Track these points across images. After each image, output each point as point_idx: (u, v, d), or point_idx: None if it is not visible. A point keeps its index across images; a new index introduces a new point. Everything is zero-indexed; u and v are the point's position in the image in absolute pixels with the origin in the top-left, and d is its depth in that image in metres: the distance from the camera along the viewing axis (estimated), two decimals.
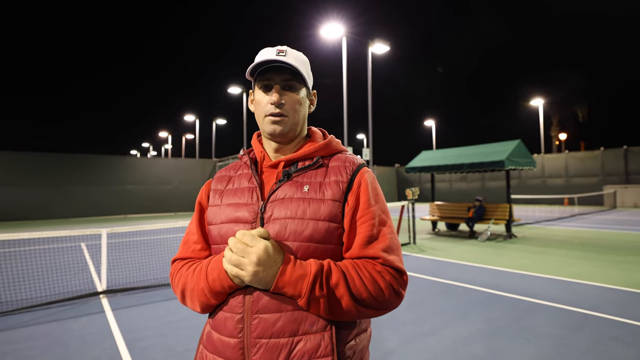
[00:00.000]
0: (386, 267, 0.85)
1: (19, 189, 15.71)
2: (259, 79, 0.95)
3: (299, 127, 0.98)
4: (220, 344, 0.86)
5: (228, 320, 0.86)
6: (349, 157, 0.98)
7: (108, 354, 2.92)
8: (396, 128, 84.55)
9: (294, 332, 0.82)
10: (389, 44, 14.42)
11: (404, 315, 3.72)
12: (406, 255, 6.99)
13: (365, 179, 0.92)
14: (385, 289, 0.83)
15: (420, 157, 11.15)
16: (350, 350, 0.86)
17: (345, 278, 0.81)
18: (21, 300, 4.30)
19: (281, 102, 0.92)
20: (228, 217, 0.92)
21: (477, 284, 4.84)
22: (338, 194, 0.89)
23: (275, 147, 0.98)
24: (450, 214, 10.29)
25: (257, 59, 0.94)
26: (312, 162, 0.94)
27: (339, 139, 1.04)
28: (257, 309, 0.83)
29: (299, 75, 0.94)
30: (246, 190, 0.94)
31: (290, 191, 0.90)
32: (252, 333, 0.83)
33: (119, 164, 18.34)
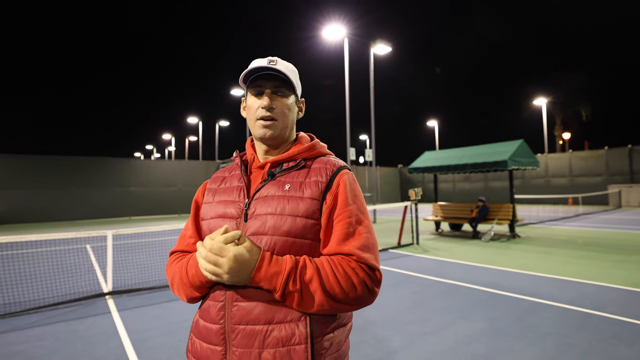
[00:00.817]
0: (360, 264, 0.88)
1: (24, 192, 15.85)
2: (251, 86, 1.02)
3: (288, 131, 1.05)
4: (205, 330, 0.93)
5: (211, 308, 0.93)
6: (331, 160, 1.03)
7: (114, 354, 2.96)
8: (399, 129, 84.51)
9: (269, 320, 0.88)
10: (390, 45, 14.45)
11: (407, 315, 3.73)
12: (409, 255, 7.00)
13: (344, 180, 0.98)
14: (358, 285, 0.86)
15: (423, 158, 11.16)
16: (327, 342, 0.91)
17: (319, 274, 0.85)
18: (29, 301, 4.35)
19: (272, 106, 0.99)
20: (217, 213, 1.00)
21: (480, 283, 4.84)
22: (317, 193, 0.95)
23: (265, 149, 1.05)
24: (453, 214, 10.29)
25: (250, 67, 1.00)
26: (295, 163, 1.01)
27: (340, 140, 1.12)
28: (237, 298, 0.90)
29: (289, 82, 1.01)
30: (235, 189, 1.02)
31: (272, 189, 0.97)
32: (231, 319, 0.89)
33: (122, 166, 18.45)
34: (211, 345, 0.91)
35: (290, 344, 0.86)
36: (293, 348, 0.86)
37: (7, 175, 15.60)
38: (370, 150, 15.21)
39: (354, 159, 14.35)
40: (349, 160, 14.05)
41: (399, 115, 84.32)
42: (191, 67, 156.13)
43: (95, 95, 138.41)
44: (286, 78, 1.00)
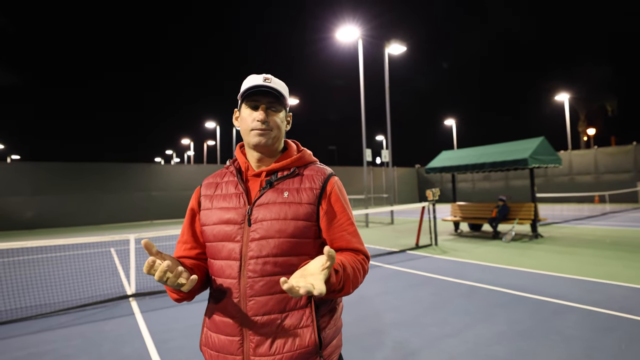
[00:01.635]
0: (363, 256, 1.09)
1: (53, 198, 16.49)
2: (247, 100, 1.11)
3: (279, 141, 1.15)
4: (222, 324, 1.04)
5: (229, 305, 1.03)
6: (320, 168, 1.15)
7: (138, 354, 3.05)
8: (416, 128, 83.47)
9: (282, 309, 1.01)
10: (405, 44, 14.33)
11: (426, 317, 3.70)
12: (428, 256, 6.92)
13: (335, 188, 1.11)
14: (365, 273, 1.07)
15: (440, 157, 11.01)
16: (327, 320, 1.07)
17: (349, 270, 0.98)
18: (59, 302, 4.54)
19: (266, 120, 1.09)
20: (219, 219, 1.08)
21: (501, 285, 4.74)
22: (312, 198, 1.07)
23: (258, 157, 1.13)
24: (472, 214, 10.10)
25: (247, 84, 1.10)
26: (289, 172, 1.11)
27: (356, 141, 1.17)
28: (252, 294, 1.01)
29: (281, 99, 1.11)
30: (234, 196, 1.10)
31: (272, 197, 1.06)
32: (248, 312, 1.01)
33: (143, 171, 18.95)
34: (229, 337, 1.02)
35: (299, 327, 1.01)
36: (302, 330, 1.00)
37: (37, 182, 16.27)
38: (387, 151, 15.09)
39: (370, 160, 14.28)
40: (365, 161, 14.00)
41: (416, 115, 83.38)
42: (208, 72, 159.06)
43: (117, 103, 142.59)
44: (279, 95, 1.10)
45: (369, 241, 9.29)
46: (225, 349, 1.02)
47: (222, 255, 1.06)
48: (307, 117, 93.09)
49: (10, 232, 15.13)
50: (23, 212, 15.89)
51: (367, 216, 13.89)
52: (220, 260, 1.06)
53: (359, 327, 3.52)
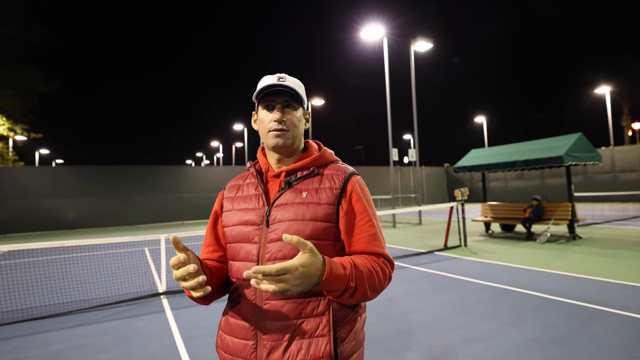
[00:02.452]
0: (385, 260, 1.03)
1: (91, 200, 17.43)
2: (263, 101, 1.09)
3: (298, 140, 1.12)
4: (237, 326, 1.03)
5: (243, 307, 1.02)
6: (341, 167, 1.11)
7: (167, 350, 3.16)
8: (446, 127, 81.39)
9: (298, 315, 0.97)
10: (432, 41, 14.02)
11: (453, 320, 3.60)
12: (456, 258, 6.73)
13: (356, 187, 1.06)
14: (387, 278, 1.01)
15: (469, 156, 10.68)
16: (346, 332, 1.01)
17: (365, 272, 0.94)
18: (95, 299, 4.79)
19: (283, 119, 1.06)
20: (239, 220, 1.08)
21: (534, 289, 4.54)
22: (332, 199, 1.03)
23: (278, 158, 1.11)
24: (504, 214, 9.72)
25: (261, 84, 1.08)
26: (309, 171, 1.08)
27: (382, 141, 1.13)
28: (267, 297, 0.99)
29: (297, 97, 1.09)
30: (253, 197, 1.10)
31: (291, 197, 1.04)
32: (263, 316, 0.98)
33: (174, 173, 19.62)
34: (243, 340, 1.00)
35: (314, 336, 0.96)
36: (317, 339, 0.96)
37: (78, 185, 17.25)
38: (414, 150, 14.82)
39: (396, 159, 14.07)
40: (391, 160, 13.81)
41: (445, 113, 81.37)
42: (235, 74, 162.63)
43: (150, 108, 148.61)
44: (295, 93, 1.07)
45: (395, 242, 9.16)
46: (239, 353, 1.01)
47: (240, 257, 1.05)
48: (333, 118, 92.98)
49: (53, 232, 16.12)
50: (65, 213, 16.89)
51: (394, 216, 13.70)
52: (238, 261, 1.05)
53: (383, 328, 3.47)
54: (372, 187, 24.55)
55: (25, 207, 16.13)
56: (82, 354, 3.13)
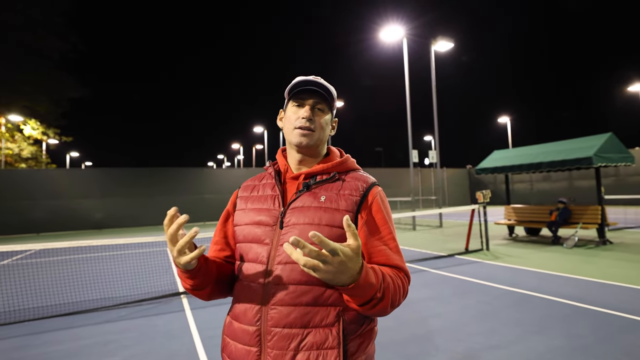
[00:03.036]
0: (405, 274, 1.00)
1: (118, 200, 18.05)
2: (294, 98, 1.07)
3: (322, 144, 1.10)
4: (240, 331, 0.97)
5: (248, 311, 0.97)
6: (362, 175, 1.08)
7: (186, 348, 3.23)
8: (468, 128, 79.59)
9: (305, 324, 0.92)
10: (452, 41, 13.77)
11: (472, 325, 3.51)
12: (478, 262, 6.56)
13: (377, 198, 1.04)
14: (406, 293, 0.98)
15: (492, 157, 10.41)
16: (356, 346, 0.96)
17: (390, 285, 0.91)
18: (119, 297, 4.95)
19: (311, 118, 1.04)
20: (251, 220, 1.04)
21: (561, 295, 4.37)
22: (351, 206, 0.99)
23: (299, 159, 1.08)
24: (529, 217, 9.41)
25: (296, 80, 1.07)
26: (329, 176, 1.05)
27: (402, 142, 1.11)
28: (275, 302, 0.94)
29: (328, 99, 1.07)
30: (269, 198, 1.06)
31: (308, 200, 1.01)
32: (268, 322, 0.93)
33: (197, 175, 20.07)
34: (246, 346, 0.95)
35: (323, 348, 0.91)
36: (325, 351, 0.90)
37: (105, 186, 17.91)
38: (434, 151, 14.58)
39: (416, 161, 13.87)
40: (411, 162, 13.64)
41: (468, 114, 79.56)
42: (255, 77, 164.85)
43: (173, 111, 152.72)
44: (327, 95, 1.06)
45: (415, 245, 9.03)
46: (243, 359, 0.96)
47: (248, 258, 1.01)
48: (353, 120, 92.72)
49: (82, 232, 16.79)
50: (93, 214, 17.55)
51: (414, 219, 13.51)
52: (246, 262, 1.01)
53: (400, 332, 3.43)
54: (392, 189, 24.30)
55: (56, 208, 16.88)
56: (107, 350, 3.24)
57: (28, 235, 16.09)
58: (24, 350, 3.31)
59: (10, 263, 8.41)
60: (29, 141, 26.45)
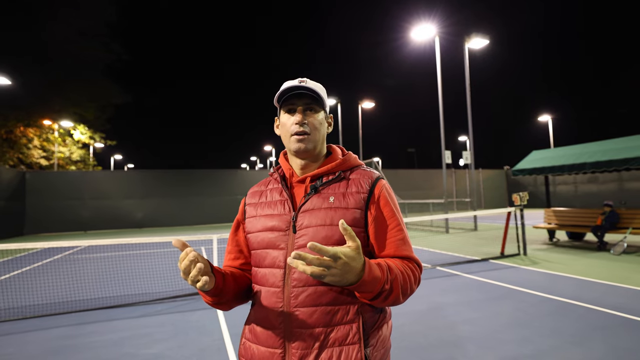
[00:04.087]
0: (415, 264, 1.02)
1: (157, 201, 18.95)
2: (284, 105, 1.09)
3: (320, 144, 1.10)
4: (263, 334, 1.00)
5: (270, 314, 0.99)
6: (366, 171, 1.10)
7: (216, 344, 3.35)
8: (506, 128, 76.28)
9: (328, 322, 0.95)
10: (488, 37, 13.28)
11: (505, 333, 3.37)
12: (514, 267, 6.28)
13: (383, 191, 1.06)
14: (417, 282, 1.00)
15: (530, 158, 9.93)
16: (374, 339, 0.99)
17: (398, 276, 0.93)
18: (156, 292, 5.21)
19: (304, 122, 1.06)
20: (264, 226, 1.06)
21: (605, 305, 4.09)
22: (360, 203, 1.02)
23: (302, 164, 1.10)
24: (571, 221, 8.88)
25: (282, 88, 1.08)
26: (334, 176, 1.07)
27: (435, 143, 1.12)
28: (296, 304, 0.96)
29: (318, 99, 1.08)
30: (278, 203, 1.07)
31: (318, 202, 1.03)
32: (291, 323, 0.96)
33: (229, 176, 20.67)
34: (270, 348, 0.97)
35: (345, 344, 0.94)
36: (347, 347, 0.94)
37: (146, 187, 18.87)
38: (468, 152, 14.12)
39: (449, 162, 13.50)
40: (444, 163, 13.29)
41: (506, 113, 76.16)
42: (287, 75, 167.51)
43: (208, 115, 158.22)
44: (316, 95, 1.07)
45: (447, 248, 8.79)
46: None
47: (266, 263, 1.03)
48: (384, 120, 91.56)
49: (124, 230, 17.77)
50: (135, 213, 18.54)
51: (447, 221, 13.13)
52: (264, 268, 1.03)
53: (427, 337, 3.36)
54: (425, 191, 23.78)
55: (102, 207, 18.00)
56: (143, 343, 3.42)
57: (77, 232, 17.27)
58: (72, 339, 3.57)
59: (61, 258, 9.07)
60: (78, 145, 28.41)
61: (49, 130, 25.66)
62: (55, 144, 25.67)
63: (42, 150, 25.16)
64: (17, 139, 23.91)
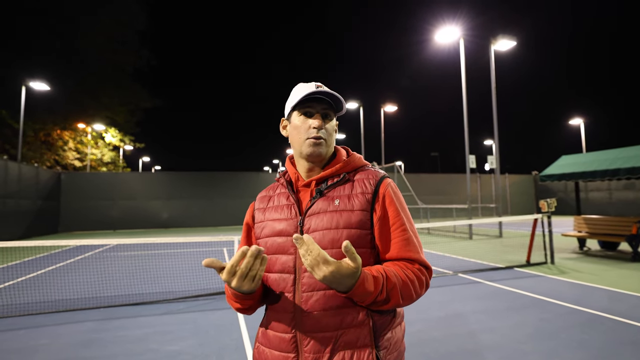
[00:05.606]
0: (421, 267, 0.99)
1: (182, 202, 19.50)
2: (301, 107, 1.08)
3: (330, 150, 1.11)
4: (276, 339, 1.00)
5: (282, 319, 1.00)
6: (371, 171, 1.09)
7: (235, 344, 3.42)
8: (533, 131, 73.64)
9: (338, 325, 0.95)
10: (515, 39, 12.93)
11: (529, 344, 3.27)
12: (540, 276, 6.07)
13: (388, 191, 1.04)
14: (423, 285, 0.98)
15: (559, 163, 9.57)
16: (387, 342, 0.99)
17: (398, 282, 0.92)
18: (179, 291, 5.36)
19: (322, 127, 1.06)
20: (272, 231, 1.07)
21: (637, 318, 3.89)
22: (365, 204, 1.01)
23: (308, 167, 1.10)
24: (604, 229, 8.47)
25: (301, 91, 1.07)
26: (339, 178, 1.06)
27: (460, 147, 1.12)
28: (307, 308, 0.97)
29: (333, 106, 1.10)
30: (285, 207, 1.08)
31: (323, 205, 1.02)
32: (303, 327, 0.97)
33: (252, 179, 21.01)
34: (283, 353, 0.98)
35: (356, 347, 0.95)
36: (359, 350, 0.94)
37: (171, 189, 19.46)
38: (494, 156, 13.75)
39: (473, 166, 13.19)
40: (467, 168, 13.00)
41: (535, 117, 73.54)
42: (305, 78, 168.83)
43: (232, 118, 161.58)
44: (334, 103, 1.09)
45: (470, 255, 8.58)
46: None
47: (276, 269, 1.03)
48: (407, 123, 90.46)
49: (150, 230, 18.36)
50: (160, 214, 19.15)
51: (471, 227, 12.82)
52: (274, 273, 1.04)
53: (447, 345, 3.30)
54: (448, 196, 23.30)
55: (130, 207, 18.70)
56: (166, 340, 3.54)
57: (106, 231, 18.00)
58: (99, 333, 3.74)
59: (91, 255, 9.49)
60: (109, 147, 29.65)
61: (83, 133, 26.94)
62: (88, 146, 26.92)
63: (76, 152, 26.42)
64: (54, 141, 25.23)
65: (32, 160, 22.94)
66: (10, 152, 21.98)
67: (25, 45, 24.60)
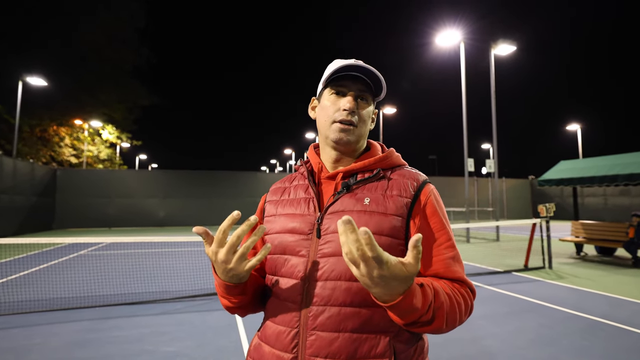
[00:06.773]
0: (468, 289, 0.83)
1: (179, 201, 19.39)
2: (333, 84, 0.92)
3: (362, 140, 0.94)
4: (271, 356, 0.83)
5: (283, 334, 0.82)
6: (411, 172, 0.92)
7: (233, 345, 3.37)
8: (531, 136, 74.10)
9: (351, 354, 0.77)
10: (514, 44, 12.98)
11: (530, 349, 3.25)
12: (538, 281, 6.06)
13: (431, 198, 0.87)
14: (469, 310, 0.82)
15: (557, 168, 9.60)
16: None
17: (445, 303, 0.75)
18: (175, 291, 5.30)
19: (354, 110, 0.89)
20: (282, 227, 0.90)
21: (637, 325, 3.88)
22: (401, 210, 0.84)
23: (335, 157, 0.93)
24: (601, 235, 8.50)
25: (335, 65, 0.91)
26: (372, 174, 0.89)
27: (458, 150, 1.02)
28: (315, 326, 0.79)
29: (372, 89, 0.92)
30: (302, 201, 0.91)
31: (349, 204, 0.85)
32: (307, 350, 0.79)
33: (250, 178, 20.93)
34: None
35: None
36: None
37: (168, 187, 19.35)
38: (492, 160, 13.78)
39: (472, 170, 13.21)
40: (466, 171, 13.02)
41: (533, 122, 74.06)
42: (306, 82, 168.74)
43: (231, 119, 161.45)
44: (372, 83, 0.91)
45: (468, 258, 8.57)
46: None
47: (282, 272, 0.86)
48: (406, 126, 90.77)
49: (146, 228, 18.23)
50: (157, 212, 19.03)
51: (469, 230, 12.83)
52: (279, 277, 0.87)
53: (448, 351, 3.27)
54: (446, 199, 23.34)
55: (126, 205, 18.56)
56: (162, 340, 3.48)
57: (102, 229, 17.85)
58: (94, 332, 3.67)
59: (86, 253, 9.39)
60: (106, 144, 29.45)
61: (80, 130, 26.74)
62: (84, 142, 26.72)
63: (72, 149, 26.23)
64: (50, 137, 25.02)
65: (27, 156, 22.74)
66: (5, 148, 21.78)
67: (23, 40, 24.41)
